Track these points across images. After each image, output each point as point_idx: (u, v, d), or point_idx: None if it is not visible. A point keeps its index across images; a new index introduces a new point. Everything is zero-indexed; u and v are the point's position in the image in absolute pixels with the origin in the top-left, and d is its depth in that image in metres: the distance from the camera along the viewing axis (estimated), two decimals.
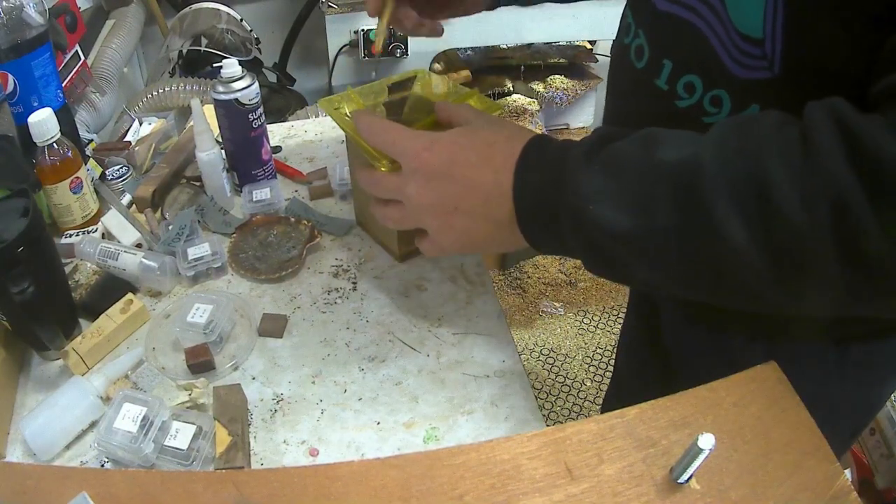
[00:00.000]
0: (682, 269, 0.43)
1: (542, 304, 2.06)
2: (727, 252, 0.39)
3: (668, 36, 0.53)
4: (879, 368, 0.64)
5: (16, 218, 0.61)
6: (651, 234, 0.42)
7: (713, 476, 0.45)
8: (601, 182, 0.43)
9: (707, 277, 0.42)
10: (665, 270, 0.43)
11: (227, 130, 0.84)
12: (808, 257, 0.37)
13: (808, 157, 0.37)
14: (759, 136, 0.39)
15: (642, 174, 0.42)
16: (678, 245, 0.41)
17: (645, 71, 0.56)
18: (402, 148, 0.53)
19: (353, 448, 0.57)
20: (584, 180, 0.44)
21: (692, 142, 0.42)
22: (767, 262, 0.38)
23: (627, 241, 0.43)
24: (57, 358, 0.65)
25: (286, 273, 0.75)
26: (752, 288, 0.41)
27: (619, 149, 0.44)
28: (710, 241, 0.39)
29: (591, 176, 0.44)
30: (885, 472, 1.27)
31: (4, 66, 0.78)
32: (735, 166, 0.39)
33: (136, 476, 0.49)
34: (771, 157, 0.38)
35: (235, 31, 1.84)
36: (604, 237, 0.43)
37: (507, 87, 2.01)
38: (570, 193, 0.44)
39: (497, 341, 0.67)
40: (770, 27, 0.44)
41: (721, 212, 0.38)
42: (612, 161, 0.44)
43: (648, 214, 0.41)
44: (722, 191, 0.38)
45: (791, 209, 0.36)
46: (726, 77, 0.49)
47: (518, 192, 0.48)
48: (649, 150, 0.42)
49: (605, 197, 0.43)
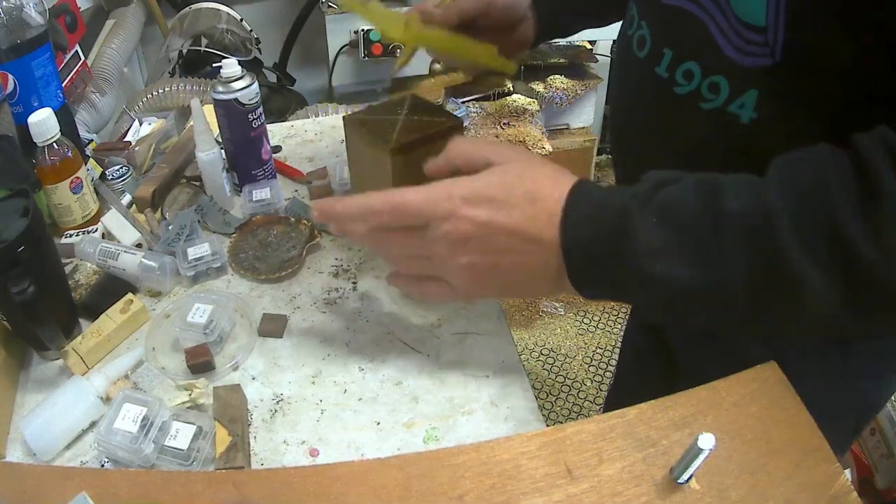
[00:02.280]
0: (754, 316, 0.43)
1: (542, 304, 2.06)
2: (803, 295, 0.40)
3: (669, 25, 0.54)
4: (880, 367, 0.64)
5: (16, 218, 0.61)
6: (722, 287, 0.42)
7: (713, 476, 0.45)
8: (663, 235, 0.42)
9: (777, 319, 0.43)
10: (733, 317, 0.44)
11: (227, 130, 0.84)
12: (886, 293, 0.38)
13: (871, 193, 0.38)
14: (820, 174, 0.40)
15: (707, 224, 0.41)
16: (752, 295, 0.41)
17: (646, 60, 0.57)
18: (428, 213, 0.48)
19: (353, 448, 0.57)
20: (643, 236, 0.43)
21: (754, 187, 0.41)
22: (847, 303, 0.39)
23: (697, 295, 0.43)
24: (57, 358, 0.65)
25: (286, 273, 0.75)
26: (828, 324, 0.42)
27: (676, 196, 0.43)
28: (784, 286, 0.40)
29: (650, 229, 0.43)
30: (885, 472, 1.27)
31: (4, 66, 0.78)
32: (803, 210, 0.39)
33: (136, 476, 0.49)
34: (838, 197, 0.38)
35: (235, 31, 1.84)
36: (672, 293, 0.43)
37: (507, 87, 2.01)
38: (631, 250, 0.43)
39: (497, 341, 0.67)
40: (773, 16, 0.45)
41: (796, 257, 0.39)
42: (670, 211, 0.43)
43: (718, 267, 0.41)
44: (794, 234, 0.39)
45: (862, 247, 0.37)
46: (724, 64, 0.49)
47: (569, 248, 0.46)
48: (710, 200, 0.42)
49: (671, 252, 0.42)
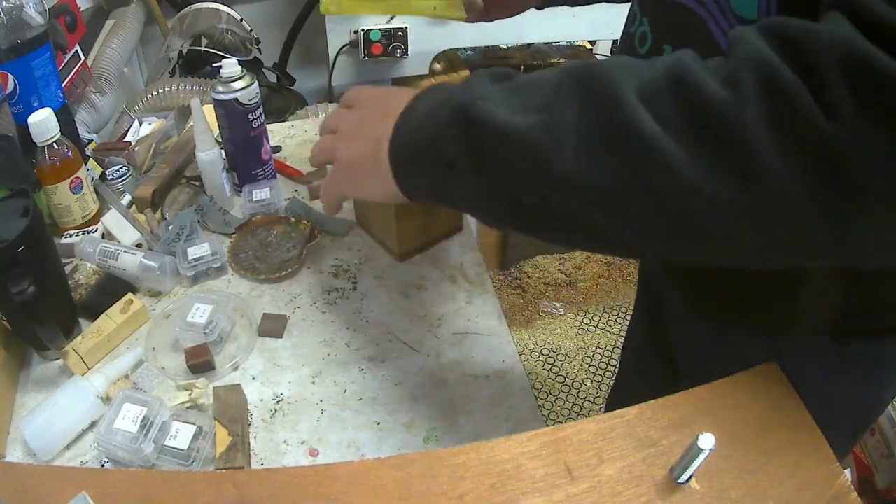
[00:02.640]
0: (581, 177, 0.36)
1: (542, 304, 2.06)
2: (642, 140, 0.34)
3: (669, 21, 0.55)
4: (881, 368, 0.64)
5: (16, 218, 0.61)
6: (547, 128, 0.36)
7: (713, 476, 0.45)
8: (498, 91, 0.39)
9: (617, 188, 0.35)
10: (561, 181, 0.36)
11: (227, 130, 0.84)
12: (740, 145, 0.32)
13: (730, 52, 0.34)
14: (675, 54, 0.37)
15: (544, 84, 0.38)
16: (578, 143, 0.35)
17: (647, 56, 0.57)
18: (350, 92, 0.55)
19: (353, 448, 0.57)
20: (476, 88, 0.40)
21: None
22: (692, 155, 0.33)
23: (520, 139, 0.36)
24: (57, 358, 0.65)
25: (286, 273, 0.75)
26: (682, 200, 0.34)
27: (525, 77, 0.41)
28: (621, 136, 0.34)
29: (488, 87, 0.40)
30: (885, 472, 1.27)
31: (4, 66, 0.78)
32: (648, 69, 0.36)
33: (136, 476, 0.49)
34: (683, 56, 0.35)
35: (235, 31, 1.84)
36: (491, 137, 0.38)
37: None
38: (457, 97, 0.40)
39: (497, 341, 0.67)
40: (764, 9, 0.46)
41: (628, 101, 0.34)
42: (516, 82, 0.41)
43: (546, 112, 0.36)
44: (628, 84, 0.35)
45: (711, 88, 0.33)
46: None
47: (405, 111, 0.45)
48: (553, 72, 0.39)
49: (500, 100, 0.39)
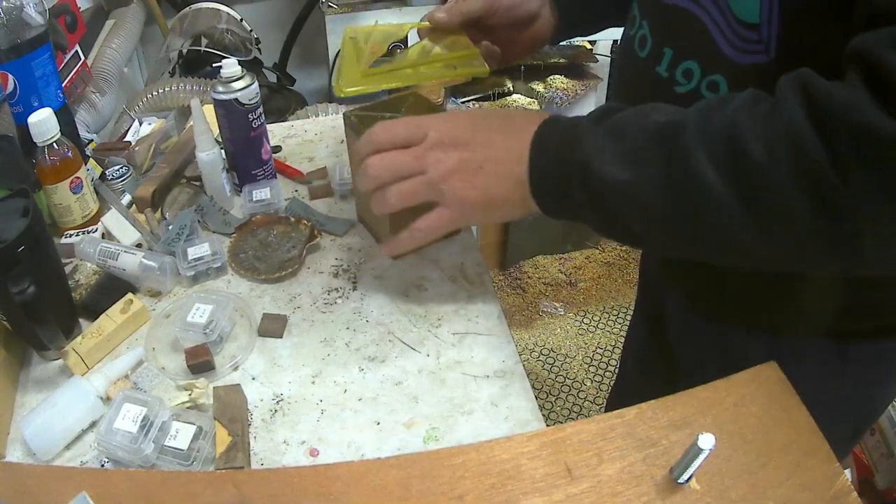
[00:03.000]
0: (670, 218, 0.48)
1: (542, 304, 2.06)
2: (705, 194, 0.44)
3: (669, 25, 0.55)
4: (881, 368, 0.64)
5: (16, 218, 0.61)
6: (643, 184, 0.47)
7: (713, 476, 0.45)
8: (604, 141, 0.49)
9: (692, 223, 0.47)
10: (654, 219, 0.49)
11: (227, 130, 0.84)
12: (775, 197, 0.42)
13: (772, 110, 0.42)
14: (736, 101, 0.45)
15: (637, 134, 0.48)
16: (663, 192, 0.46)
17: (647, 59, 0.58)
18: (425, 122, 0.57)
19: (353, 448, 0.57)
20: (590, 140, 0.50)
21: (682, 110, 0.48)
22: (740, 203, 0.43)
23: (625, 192, 0.48)
24: (57, 358, 0.65)
25: (286, 273, 0.75)
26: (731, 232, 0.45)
27: (621, 116, 0.51)
28: (690, 186, 0.45)
29: (597, 136, 0.50)
30: (885, 472, 1.27)
31: (4, 66, 0.78)
32: (711, 123, 0.44)
33: (136, 476, 0.49)
34: (742, 112, 0.43)
35: (235, 31, 1.84)
36: (606, 189, 0.49)
37: (507, 87, 2.01)
38: (579, 152, 0.50)
39: (497, 341, 0.67)
40: (766, 12, 0.46)
41: (696, 159, 0.44)
42: (614, 125, 0.50)
43: (641, 167, 0.47)
44: (698, 141, 0.44)
45: (755, 151, 0.41)
46: (723, 62, 0.50)
47: (534, 152, 0.53)
48: (645, 116, 0.49)
49: (608, 153, 0.49)
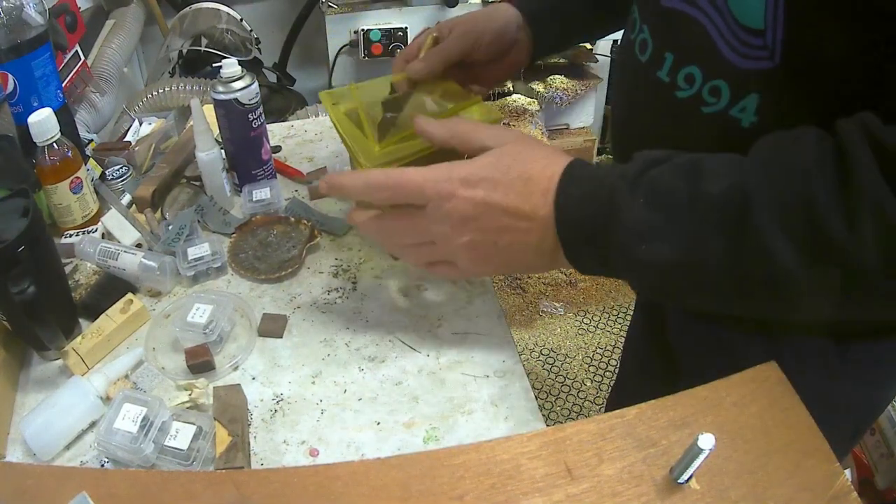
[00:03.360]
0: (734, 294, 0.45)
1: (542, 304, 2.06)
2: (779, 275, 0.41)
3: (670, 30, 0.54)
4: (882, 368, 0.64)
5: (16, 218, 0.61)
6: (701, 265, 0.44)
7: (713, 476, 0.45)
8: (647, 216, 0.45)
9: (759, 299, 0.45)
10: (716, 296, 0.46)
11: (227, 130, 0.84)
12: (854, 272, 0.39)
13: (846, 175, 0.39)
14: (799, 158, 0.41)
15: (689, 207, 0.44)
16: (729, 273, 0.43)
17: (648, 64, 0.57)
18: (429, 192, 0.51)
19: (353, 448, 0.57)
20: (630, 217, 0.45)
21: (734, 169, 0.43)
22: (817, 281, 0.41)
23: (678, 273, 0.45)
24: (57, 358, 0.65)
25: (286, 273, 0.75)
26: (803, 304, 0.43)
27: (662, 178, 0.46)
28: (761, 266, 0.42)
29: (638, 211, 0.45)
30: (885, 472, 1.27)
31: (4, 66, 0.78)
32: (780, 191, 0.41)
33: (136, 476, 0.49)
34: (813, 178, 0.40)
35: (235, 31, 1.84)
36: (655, 272, 0.46)
37: (507, 87, 2.01)
38: (617, 231, 0.46)
39: (497, 341, 0.67)
40: (771, 18, 0.45)
41: (770, 237, 0.40)
42: (657, 193, 0.45)
43: (698, 246, 0.43)
44: (770, 216, 0.40)
45: (837, 228, 0.38)
46: (725, 68, 0.49)
47: (562, 224, 0.49)
48: (693, 182, 0.44)
49: (654, 233, 0.45)
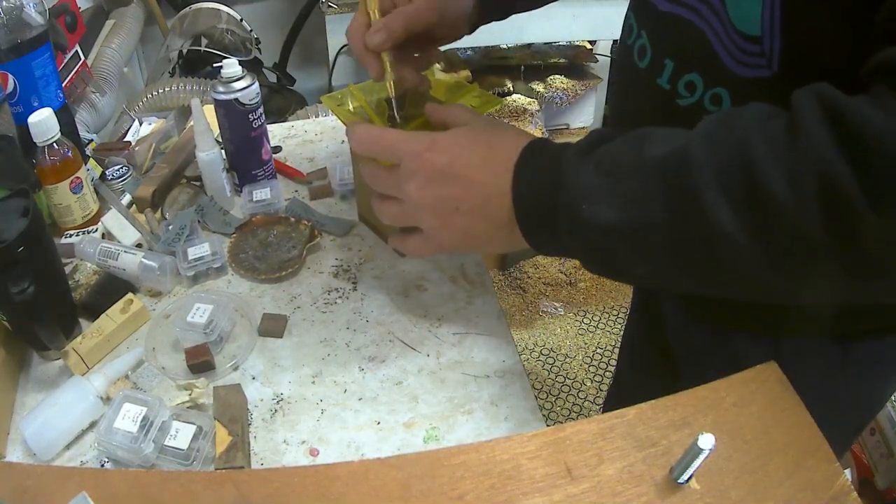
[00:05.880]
0: (676, 260, 0.43)
1: (542, 304, 2.06)
2: (718, 238, 0.39)
3: (669, 36, 0.53)
4: (881, 366, 0.64)
5: (16, 218, 0.61)
6: (643, 228, 0.43)
7: (713, 476, 0.45)
8: (593, 180, 0.44)
9: (701, 266, 0.43)
10: (660, 262, 0.44)
11: (227, 130, 0.84)
12: (798, 236, 0.37)
13: (793, 138, 0.37)
14: (743, 124, 0.40)
15: (632, 171, 0.43)
16: (670, 236, 0.42)
17: (647, 71, 0.56)
18: (402, 150, 0.52)
19: (353, 448, 0.57)
20: (577, 180, 0.45)
21: (680, 137, 0.42)
22: (758, 246, 0.39)
23: (621, 236, 0.44)
24: (57, 358, 0.65)
25: (286, 273, 0.75)
26: (746, 273, 0.41)
27: (612, 148, 0.45)
28: (701, 229, 0.40)
29: (585, 175, 0.45)
30: (885, 472, 1.27)
31: (4, 66, 0.78)
32: (721, 154, 0.39)
33: (136, 476, 0.49)
34: (755, 141, 0.38)
35: (235, 31, 1.84)
36: (598, 234, 0.44)
37: (507, 87, 2.01)
38: (564, 194, 0.45)
39: (497, 341, 0.67)
40: (768, 25, 0.45)
41: (709, 199, 0.39)
42: (604, 160, 0.45)
43: (639, 209, 0.42)
44: (709, 179, 0.39)
45: (777, 188, 0.37)
46: (726, 75, 0.49)
47: (517, 193, 0.49)
48: (640, 148, 0.43)
49: (598, 195, 0.44)
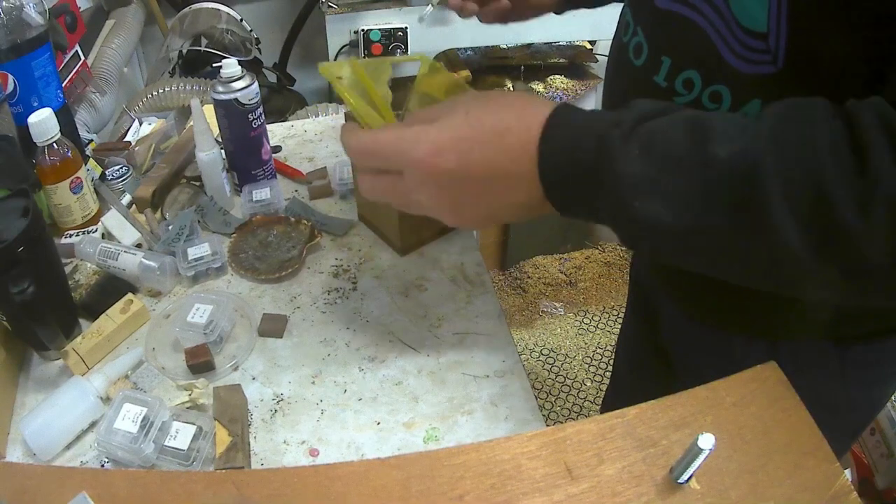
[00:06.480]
0: (729, 264, 0.43)
1: (542, 304, 2.06)
2: (781, 251, 0.39)
3: (667, 33, 0.53)
4: (880, 368, 0.64)
5: (16, 218, 0.61)
6: (700, 231, 0.41)
7: (713, 476, 0.45)
8: (643, 170, 0.41)
9: (753, 271, 0.43)
10: (709, 262, 0.44)
11: (227, 130, 0.84)
12: (861, 260, 0.38)
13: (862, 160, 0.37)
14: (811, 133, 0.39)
15: (692, 169, 0.40)
16: (729, 244, 0.41)
17: (643, 68, 0.56)
18: (403, 161, 0.48)
19: (353, 448, 0.57)
20: (626, 170, 0.41)
21: (743, 134, 0.40)
22: (820, 264, 0.39)
23: (675, 236, 0.42)
24: (57, 358, 0.65)
25: (286, 273, 0.75)
26: (801, 283, 0.42)
27: (659, 131, 0.42)
28: (765, 243, 0.39)
29: (633, 164, 0.41)
30: (885, 472, 1.27)
31: (4, 66, 0.78)
32: (790, 166, 0.38)
33: (136, 476, 0.49)
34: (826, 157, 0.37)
35: (235, 31, 1.84)
36: (648, 231, 0.42)
37: (507, 87, 2.01)
38: (611, 182, 0.42)
39: (497, 341, 0.67)
40: (774, 21, 0.44)
41: (777, 215, 0.38)
42: (655, 147, 0.41)
43: (699, 213, 0.40)
44: (778, 193, 0.38)
45: (848, 213, 0.37)
46: (726, 72, 0.48)
47: (547, 181, 0.45)
48: (698, 143, 0.40)
49: (653, 191, 0.41)
